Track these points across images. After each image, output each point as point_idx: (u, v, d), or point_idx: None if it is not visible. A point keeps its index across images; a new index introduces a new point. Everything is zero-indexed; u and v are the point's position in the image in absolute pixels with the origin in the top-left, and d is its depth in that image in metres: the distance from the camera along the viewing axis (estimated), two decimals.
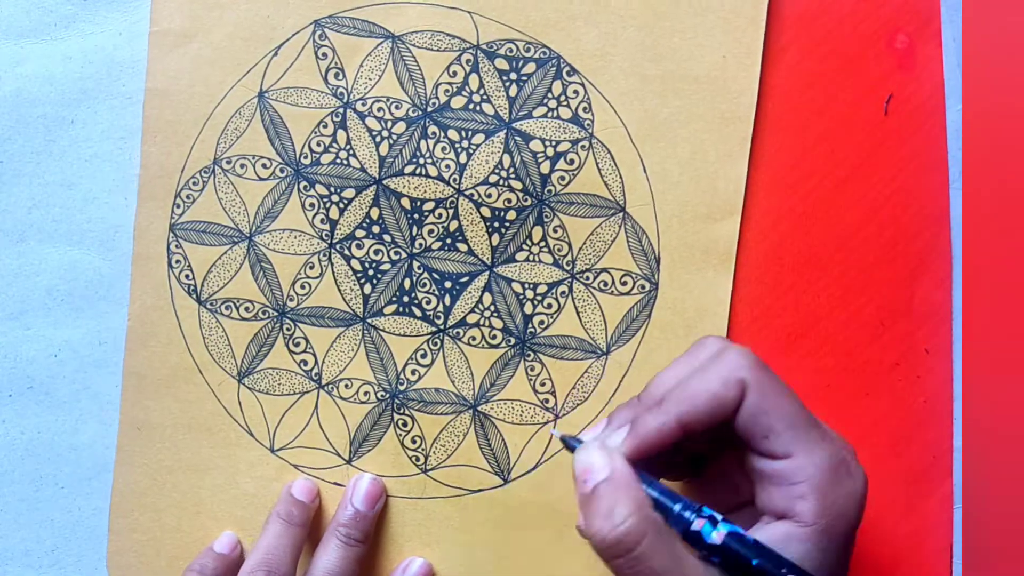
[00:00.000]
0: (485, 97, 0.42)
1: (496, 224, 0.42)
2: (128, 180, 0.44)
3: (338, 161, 0.43)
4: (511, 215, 0.42)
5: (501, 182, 0.42)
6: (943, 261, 0.42)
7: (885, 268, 0.42)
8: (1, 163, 0.44)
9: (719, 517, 0.32)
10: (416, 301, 0.43)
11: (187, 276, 0.43)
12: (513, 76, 0.42)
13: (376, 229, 0.43)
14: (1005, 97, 0.38)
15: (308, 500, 0.42)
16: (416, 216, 0.43)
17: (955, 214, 0.42)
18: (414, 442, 0.43)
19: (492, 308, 0.43)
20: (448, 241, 0.43)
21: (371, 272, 0.43)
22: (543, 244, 0.42)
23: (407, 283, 0.43)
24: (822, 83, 0.43)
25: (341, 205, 0.43)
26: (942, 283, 0.42)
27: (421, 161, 0.43)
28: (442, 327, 0.43)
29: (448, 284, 0.43)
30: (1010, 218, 0.37)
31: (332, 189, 0.43)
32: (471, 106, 0.42)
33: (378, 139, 0.43)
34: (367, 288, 0.43)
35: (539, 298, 0.42)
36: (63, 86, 0.44)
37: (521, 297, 0.43)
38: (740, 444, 0.33)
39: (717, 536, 0.31)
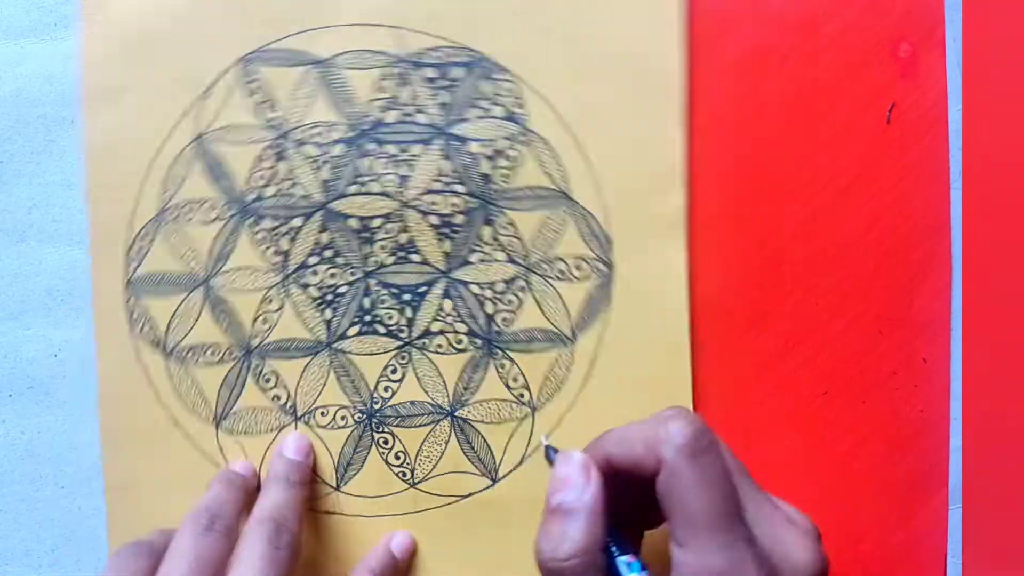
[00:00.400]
0: (418, 107, 0.43)
1: (446, 230, 0.43)
2: None
3: (282, 192, 0.43)
4: (459, 219, 0.42)
5: (445, 188, 0.42)
6: (943, 271, 0.42)
7: (884, 277, 0.42)
8: (1, 163, 0.44)
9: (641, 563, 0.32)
10: (378, 318, 0.43)
11: (150, 330, 0.43)
12: (443, 82, 0.43)
13: (328, 253, 0.43)
14: (1006, 108, 0.38)
15: (303, 458, 0.42)
16: (365, 235, 0.43)
17: (955, 224, 0.42)
18: (398, 458, 0.42)
19: (454, 313, 0.42)
20: (401, 254, 0.43)
21: (329, 297, 0.43)
22: (495, 242, 0.42)
23: (366, 302, 0.43)
24: (825, 90, 0.43)
25: (290, 235, 0.43)
26: (941, 293, 0.42)
27: (363, 180, 0.43)
28: (407, 340, 0.43)
29: (407, 296, 0.43)
30: (1011, 229, 0.38)
31: (280, 220, 0.43)
32: (405, 118, 0.43)
33: (318, 164, 0.43)
34: (328, 313, 0.43)
35: (498, 296, 0.42)
36: (63, 86, 0.44)
37: (480, 298, 0.42)
38: None
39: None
